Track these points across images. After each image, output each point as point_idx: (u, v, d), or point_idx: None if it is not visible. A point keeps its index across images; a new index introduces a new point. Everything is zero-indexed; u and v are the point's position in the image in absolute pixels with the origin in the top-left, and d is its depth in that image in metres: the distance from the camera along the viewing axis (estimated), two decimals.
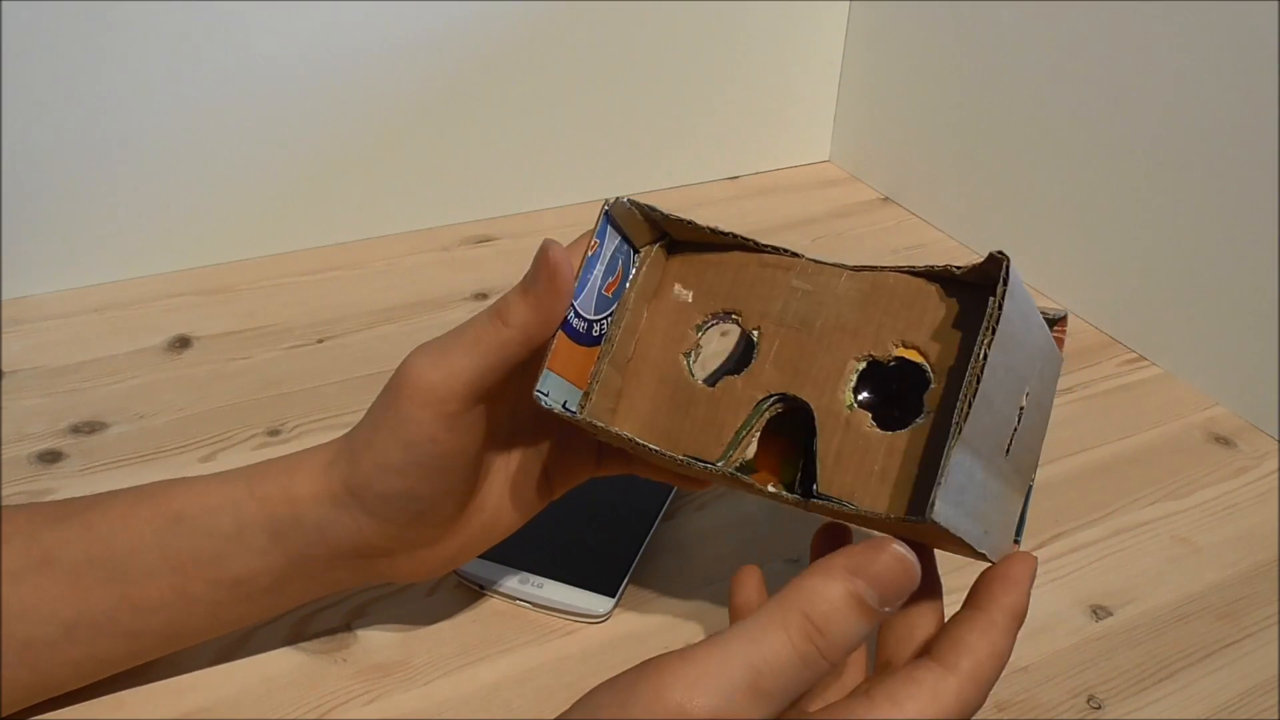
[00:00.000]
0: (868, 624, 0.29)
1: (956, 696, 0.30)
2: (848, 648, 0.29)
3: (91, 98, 0.64)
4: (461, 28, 0.73)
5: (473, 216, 0.80)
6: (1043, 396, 0.36)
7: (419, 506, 0.38)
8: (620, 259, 0.38)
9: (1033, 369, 0.35)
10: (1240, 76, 0.59)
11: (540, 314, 0.35)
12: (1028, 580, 0.34)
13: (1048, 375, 0.37)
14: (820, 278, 0.36)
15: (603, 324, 0.38)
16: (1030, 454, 0.37)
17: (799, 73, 0.87)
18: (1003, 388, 0.33)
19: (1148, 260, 0.66)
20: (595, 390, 0.38)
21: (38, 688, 0.39)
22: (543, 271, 0.35)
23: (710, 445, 0.37)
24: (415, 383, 0.36)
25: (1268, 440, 0.61)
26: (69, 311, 0.66)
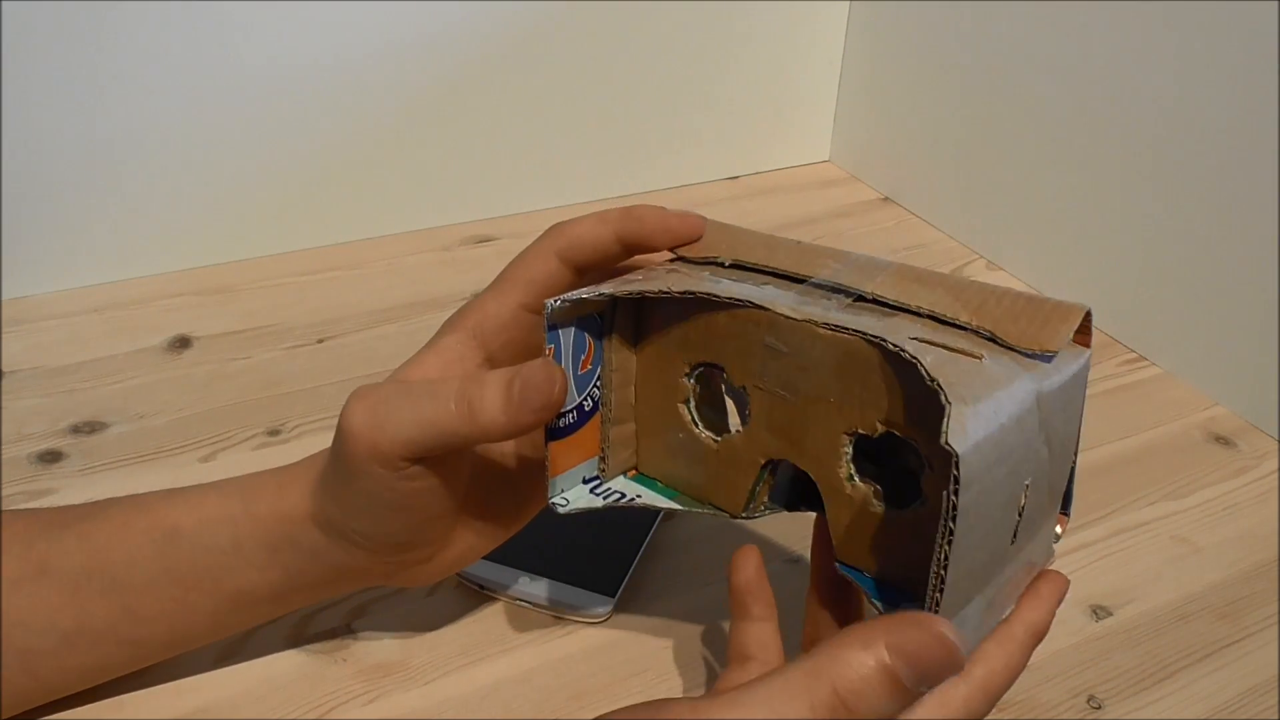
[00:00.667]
0: (899, 704, 0.27)
1: (964, 703, 0.30)
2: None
3: (91, 98, 0.64)
4: (461, 28, 0.73)
5: (473, 216, 0.80)
6: (1065, 425, 0.33)
7: (398, 539, 0.37)
8: (586, 332, 0.36)
9: (1035, 442, 0.31)
10: (1240, 76, 0.59)
11: (516, 430, 0.34)
12: (1055, 600, 0.33)
13: (1069, 403, 0.33)
14: (794, 338, 0.33)
15: (590, 396, 0.37)
16: (1059, 475, 0.35)
17: (799, 73, 0.87)
18: (986, 520, 0.29)
19: (1148, 260, 0.66)
20: (610, 453, 0.38)
21: (38, 693, 0.39)
22: (535, 398, 0.33)
23: (729, 497, 0.37)
24: (356, 440, 0.34)
25: (1268, 440, 0.61)
26: (69, 311, 0.66)
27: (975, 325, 0.32)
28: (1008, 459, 0.29)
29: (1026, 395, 0.29)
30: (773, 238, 0.37)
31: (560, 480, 0.36)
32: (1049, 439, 0.31)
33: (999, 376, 0.30)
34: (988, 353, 0.31)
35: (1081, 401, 0.33)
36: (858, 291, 0.34)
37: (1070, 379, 0.32)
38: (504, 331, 0.38)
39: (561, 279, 0.38)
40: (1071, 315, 0.31)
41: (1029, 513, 0.31)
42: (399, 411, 0.34)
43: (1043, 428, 0.30)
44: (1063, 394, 0.31)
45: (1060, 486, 0.34)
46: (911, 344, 0.30)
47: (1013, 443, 0.29)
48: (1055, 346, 0.31)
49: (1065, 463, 0.34)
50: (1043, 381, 0.30)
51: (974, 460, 0.27)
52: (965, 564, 0.29)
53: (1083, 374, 0.33)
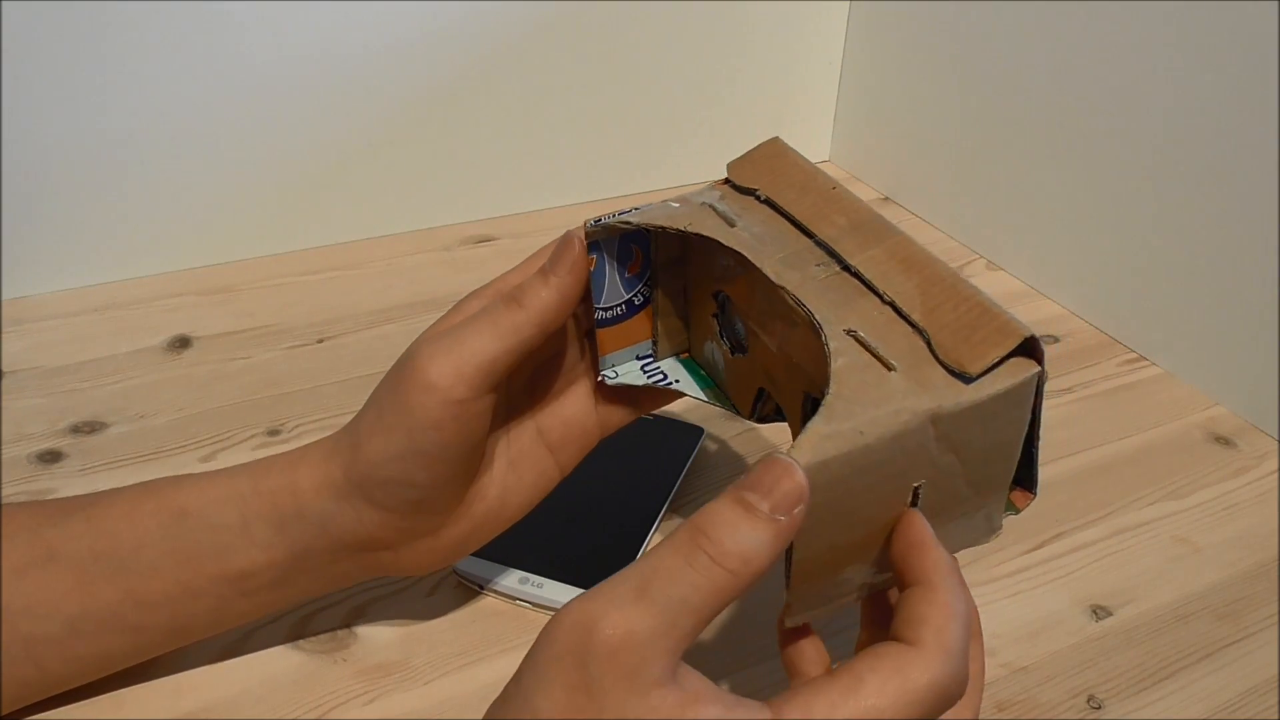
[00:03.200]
0: (757, 527, 0.28)
1: (924, 667, 0.29)
2: (741, 554, 0.28)
3: (91, 98, 0.64)
4: (461, 28, 0.73)
5: (473, 216, 0.80)
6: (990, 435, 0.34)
7: (418, 495, 0.38)
8: (633, 241, 0.40)
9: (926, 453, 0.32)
10: (1240, 76, 0.59)
11: (560, 294, 0.37)
12: (928, 534, 0.32)
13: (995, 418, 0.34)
14: (774, 296, 0.36)
15: (642, 293, 0.41)
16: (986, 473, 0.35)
17: (799, 73, 0.87)
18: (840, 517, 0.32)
19: (1148, 260, 0.66)
20: (660, 339, 0.42)
21: (41, 684, 0.39)
22: (565, 255, 0.37)
23: (741, 404, 0.42)
24: (424, 369, 0.36)
25: (1268, 440, 0.61)
26: (69, 311, 0.66)
27: (921, 326, 0.34)
28: (875, 470, 0.31)
29: (914, 416, 0.31)
30: (813, 178, 0.41)
31: (611, 357, 0.42)
32: (957, 448, 0.33)
33: (892, 394, 0.32)
34: (905, 364, 0.33)
35: (1025, 412, 0.34)
36: (845, 261, 0.36)
37: (995, 397, 0.32)
38: None
39: (584, 262, 0.40)
40: (1006, 341, 0.32)
41: (931, 505, 0.34)
42: (469, 331, 0.37)
43: (943, 441, 0.32)
44: (980, 411, 0.32)
45: (993, 479, 0.35)
46: (842, 339, 0.33)
47: (884, 457, 0.31)
48: (973, 370, 0.32)
49: (999, 463, 0.35)
50: (946, 401, 0.32)
51: (815, 476, 0.30)
52: (818, 549, 0.32)
53: (1021, 391, 0.33)
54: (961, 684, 0.30)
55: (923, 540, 0.32)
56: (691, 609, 0.28)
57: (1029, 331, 0.33)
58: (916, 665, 0.29)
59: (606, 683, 0.27)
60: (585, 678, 0.27)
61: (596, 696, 0.27)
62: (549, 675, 0.28)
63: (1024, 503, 0.37)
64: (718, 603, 0.28)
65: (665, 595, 0.28)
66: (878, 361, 0.33)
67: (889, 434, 0.31)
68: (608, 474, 0.44)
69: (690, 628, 0.28)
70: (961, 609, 0.30)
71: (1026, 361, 0.33)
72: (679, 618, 0.28)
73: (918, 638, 0.29)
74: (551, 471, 0.42)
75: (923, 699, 0.28)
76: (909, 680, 0.28)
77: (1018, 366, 0.33)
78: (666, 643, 0.28)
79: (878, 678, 0.28)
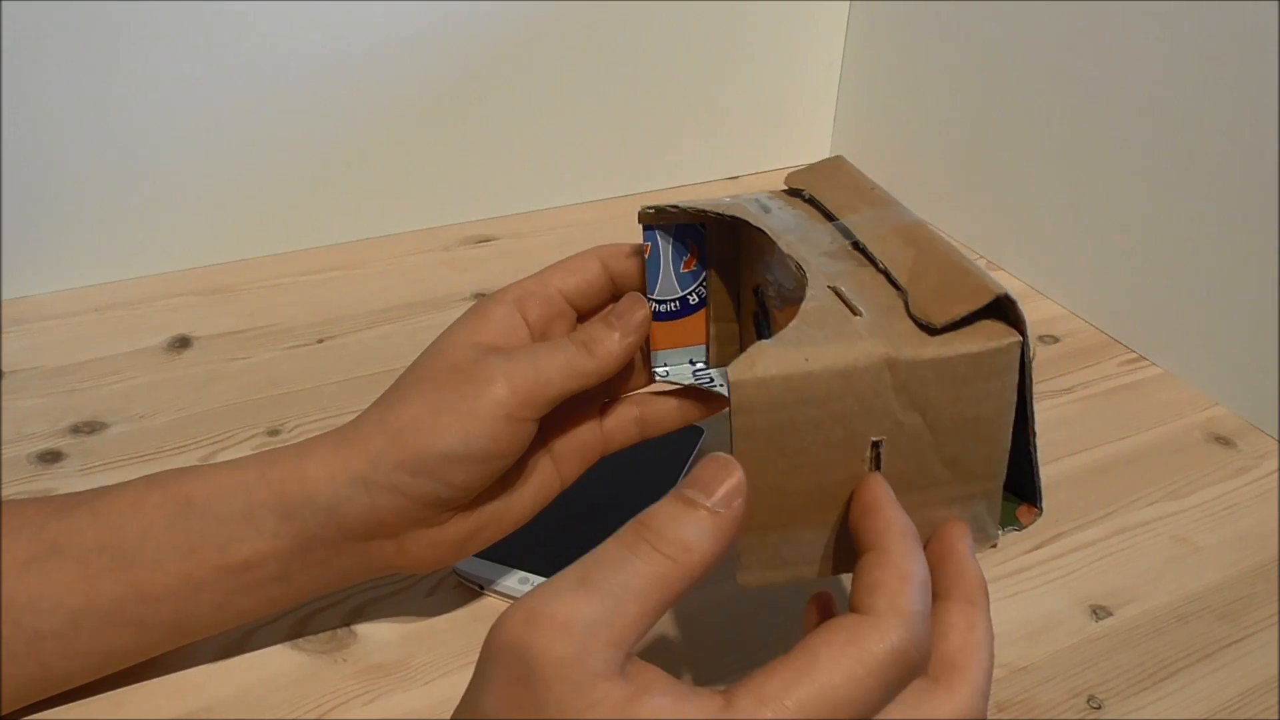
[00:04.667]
0: (697, 518, 0.28)
1: (880, 635, 0.28)
2: (681, 541, 0.28)
3: (91, 98, 0.64)
4: (462, 28, 0.73)
5: (473, 216, 0.80)
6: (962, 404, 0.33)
7: (447, 493, 0.38)
8: (689, 237, 0.41)
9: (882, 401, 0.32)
10: (1240, 76, 0.59)
11: (627, 353, 0.40)
12: (885, 497, 0.32)
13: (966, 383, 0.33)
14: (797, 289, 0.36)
15: (697, 292, 0.42)
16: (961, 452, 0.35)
17: (799, 73, 0.87)
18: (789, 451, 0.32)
19: (1148, 260, 0.66)
20: (713, 345, 0.43)
21: (44, 681, 0.39)
22: (635, 314, 0.40)
23: None
24: (502, 383, 0.38)
25: (1268, 440, 0.61)
26: (69, 311, 0.66)
27: (904, 286, 0.34)
28: (821, 405, 0.31)
29: (867, 356, 0.31)
30: (857, 182, 0.41)
31: (663, 355, 0.43)
32: (921, 408, 0.32)
33: (851, 334, 0.32)
34: (874, 313, 0.33)
35: (1005, 387, 0.33)
36: (855, 238, 0.37)
37: (963, 357, 0.32)
38: (542, 307, 0.41)
39: (599, 280, 0.42)
40: (976, 297, 0.32)
41: (898, 474, 0.33)
42: (549, 365, 0.38)
43: (903, 393, 0.32)
44: (945, 369, 0.32)
45: (975, 464, 0.34)
46: (822, 290, 0.34)
47: (831, 391, 0.31)
48: (938, 320, 0.32)
49: (979, 444, 0.34)
50: (906, 349, 0.32)
51: (753, 391, 0.30)
52: (764, 487, 0.32)
53: (996, 358, 0.32)
54: (924, 649, 0.29)
55: (876, 502, 0.32)
56: (634, 595, 0.28)
57: (1002, 290, 0.32)
58: (872, 634, 0.28)
59: (546, 674, 0.26)
60: (525, 670, 0.27)
61: (538, 690, 0.27)
62: (492, 671, 0.28)
63: (1029, 518, 0.36)
64: (662, 592, 0.28)
65: (606, 582, 0.28)
66: (846, 307, 0.33)
67: (837, 367, 0.31)
68: (607, 474, 0.44)
69: (635, 616, 0.27)
70: (918, 571, 0.30)
71: (1005, 329, 0.32)
72: (621, 604, 0.27)
73: (871, 605, 0.29)
74: (553, 481, 0.43)
75: (882, 668, 0.28)
76: (865, 651, 0.27)
77: (994, 332, 0.32)
78: (609, 632, 0.27)
79: (831, 651, 0.27)
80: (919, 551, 0.31)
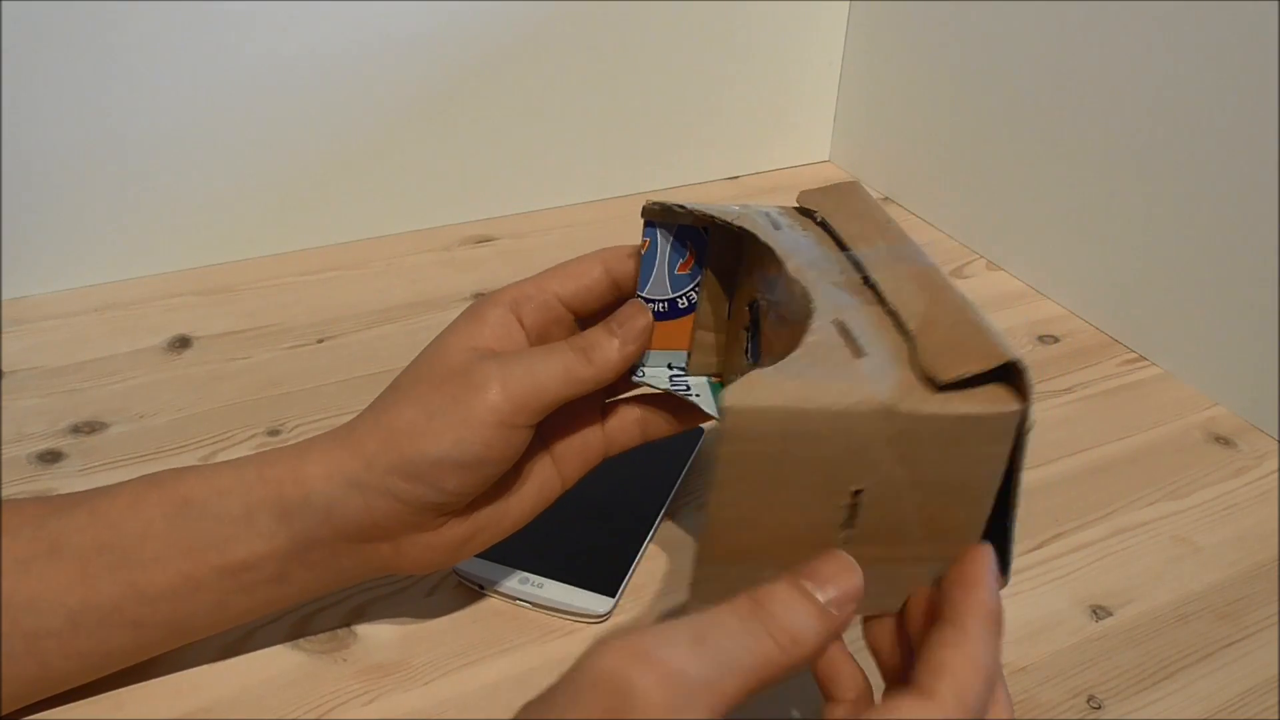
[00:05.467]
0: (811, 612, 0.29)
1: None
2: (793, 633, 0.29)
3: (92, 98, 0.64)
4: (461, 28, 0.73)
5: (473, 216, 0.80)
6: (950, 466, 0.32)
7: (441, 499, 0.38)
8: (690, 240, 0.41)
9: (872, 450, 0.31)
10: (1240, 76, 0.59)
11: (626, 362, 0.39)
12: (986, 573, 0.32)
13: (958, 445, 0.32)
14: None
15: (688, 296, 0.42)
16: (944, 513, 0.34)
17: (799, 73, 0.87)
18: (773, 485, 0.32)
19: (1148, 260, 0.66)
20: (694, 353, 0.42)
21: (43, 681, 0.39)
22: (637, 322, 0.39)
23: None
24: (496, 389, 0.37)
25: (1268, 440, 0.61)
26: (69, 311, 0.66)
27: (913, 333, 0.33)
28: (810, 444, 0.31)
29: (865, 401, 0.30)
30: (872, 211, 0.40)
31: (644, 354, 0.41)
32: (910, 464, 0.31)
33: (853, 374, 0.31)
34: (879, 358, 0.32)
35: (998, 454, 0.32)
36: (867, 274, 0.36)
37: (962, 418, 0.31)
38: (538, 312, 0.41)
39: (600, 285, 0.41)
40: (987, 358, 0.31)
41: (871, 524, 0.32)
42: (544, 370, 0.38)
43: (894, 446, 0.31)
44: (942, 427, 0.31)
45: (951, 529, 0.33)
46: (826, 324, 0.33)
47: (823, 432, 0.30)
48: (944, 376, 0.31)
49: (961, 509, 0.33)
50: (906, 400, 0.31)
51: (747, 420, 0.30)
52: (733, 517, 0.32)
53: (995, 424, 0.31)
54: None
55: (977, 578, 0.31)
56: (741, 670, 0.28)
57: (1015, 356, 0.31)
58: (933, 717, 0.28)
59: (644, 715, 0.26)
60: (622, 704, 0.27)
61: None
62: (588, 695, 0.27)
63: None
64: (764, 673, 0.28)
65: (720, 648, 0.28)
66: (851, 346, 0.32)
67: (835, 408, 0.30)
68: (607, 474, 0.44)
69: (735, 690, 0.28)
70: (988, 663, 0.30)
71: (1010, 395, 0.31)
72: (728, 674, 0.28)
73: (934, 690, 0.29)
74: (554, 483, 0.42)
75: None
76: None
77: (998, 396, 0.31)
78: (711, 697, 0.27)
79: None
80: (996, 642, 0.31)
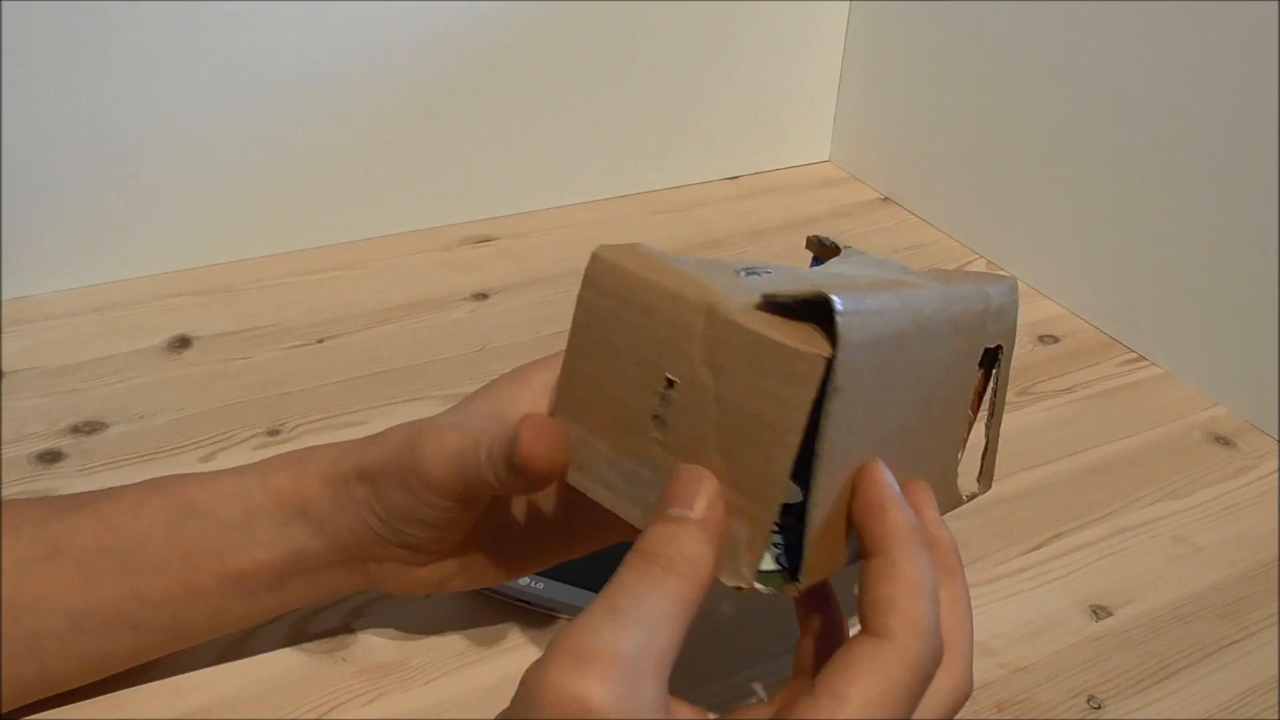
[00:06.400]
0: (690, 533, 0.29)
1: (901, 659, 0.28)
2: (688, 558, 0.29)
3: (91, 97, 0.64)
4: (461, 28, 0.73)
5: (473, 216, 0.80)
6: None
7: (412, 542, 0.38)
8: None
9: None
10: (1240, 76, 0.59)
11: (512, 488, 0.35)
12: (885, 491, 0.31)
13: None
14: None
15: None
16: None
17: (799, 73, 0.87)
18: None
19: (1148, 260, 0.66)
20: None
21: (42, 683, 0.39)
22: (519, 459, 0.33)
23: None
24: (426, 471, 0.36)
25: (1268, 440, 0.61)
26: (69, 311, 0.66)
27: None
28: (644, 312, 0.32)
29: (697, 292, 0.31)
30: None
31: None
32: (716, 371, 0.31)
33: (713, 279, 0.32)
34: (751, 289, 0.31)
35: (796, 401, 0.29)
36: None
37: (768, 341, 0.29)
38: None
39: None
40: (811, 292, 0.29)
41: (678, 434, 0.31)
42: (466, 441, 0.35)
43: (706, 346, 0.31)
44: (749, 343, 0.30)
45: (745, 470, 0.30)
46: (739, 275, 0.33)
47: (655, 306, 0.32)
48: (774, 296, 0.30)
49: (755, 451, 0.30)
50: (725, 306, 0.30)
51: (605, 272, 0.32)
52: (587, 373, 0.33)
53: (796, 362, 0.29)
54: (937, 654, 0.29)
55: (880, 502, 0.31)
56: (663, 619, 0.28)
57: (831, 295, 0.28)
58: (893, 660, 0.28)
59: (607, 715, 0.26)
60: (582, 710, 0.27)
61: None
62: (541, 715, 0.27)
63: (791, 591, 0.31)
64: (685, 610, 0.28)
65: (635, 609, 0.28)
66: (740, 274, 0.33)
67: (670, 288, 0.31)
68: None
69: (667, 640, 0.28)
70: (927, 580, 0.29)
71: (825, 342, 0.29)
72: (656, 629, 0.28)
73: (886, 627, 0.29)
74: (562, 549, 0.42)
75: (910, 690, 0.28)
76: (890, 678, 0.28)
77: (810, 339, 0.29)
78: (650, 658, 0.27)
79: (859, 690, 0.28)
80: (924, 555, 0.30)
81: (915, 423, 0.34)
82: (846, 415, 0.30)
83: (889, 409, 0.32)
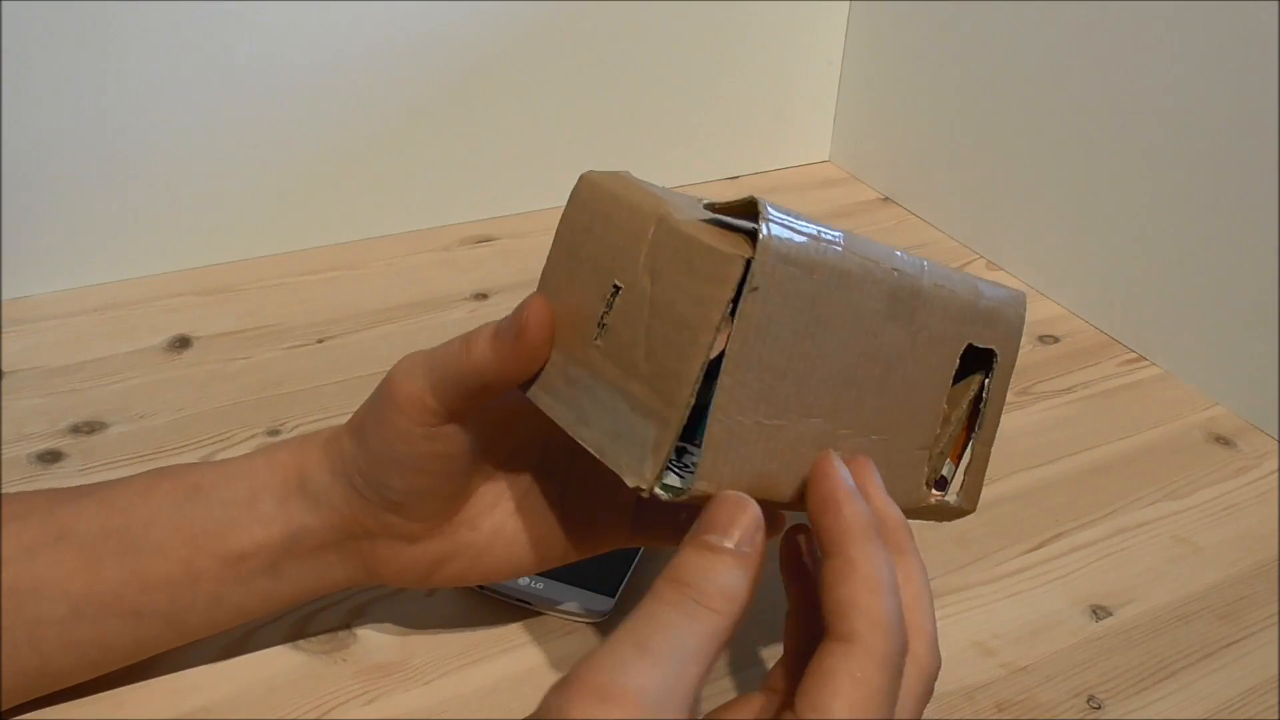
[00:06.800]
0: (728, 563, 0.29)
1: (872, 660, 0.29)
2: (725, 593, 0.28)
3: (92, 98, 0.64)
4: (461, 28, 0.73)
5: (473, 216, 0.80)
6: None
7: (395, 497, 0.39)
8: None
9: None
10: (1240, 76, 0.59)
11: (500, 364, 0.35)
12: (840, 487, 0.31)
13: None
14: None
15: None
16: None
17: (799, 73, 0.87)
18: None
19: (1148, 260, 0.66)
20: None
21: (41, 675, 0.39)
22: (513, 327, 0.35)
23: None
24: (396, 389, 0.37)
25: (1268, 440, 0.61)
26: (69, 311, 0.66)
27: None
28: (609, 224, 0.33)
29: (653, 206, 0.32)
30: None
31: None
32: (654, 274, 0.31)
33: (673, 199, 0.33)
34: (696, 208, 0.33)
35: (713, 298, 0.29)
36: None
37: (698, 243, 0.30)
38: None
39: None
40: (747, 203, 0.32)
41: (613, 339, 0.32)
42: (432, 359, 0.37)
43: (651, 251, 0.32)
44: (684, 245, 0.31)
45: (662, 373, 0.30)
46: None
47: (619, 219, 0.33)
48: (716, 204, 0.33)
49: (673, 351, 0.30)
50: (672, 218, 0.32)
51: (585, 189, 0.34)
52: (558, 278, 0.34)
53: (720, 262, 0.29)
54: (904, 647, 0.30)
55: (834, 496, 0.31)
56: (694, 656, 0.28)
57: (761, 201, 0.30)
58: (867, 664, 0.28)
59: None
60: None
61: None
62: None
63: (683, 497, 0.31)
64: (714, 645, 0.28)
65: (667, 647, 0.28)
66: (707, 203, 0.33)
67: (632, 202, 0.33)
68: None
69: (696, 678, 0.28)
70: (885, 575, 0.30)
71: (748, 246, 0.29)
72: (685, 668, 0.27)
73: (853, 631, 0.29)
74: (557, 551, 0.42)
75: (885, 689, 0.29)
76: (869, 684, 0.28)
77: (737, 244, 0.30)
78: (678, 697, 0.27)
79: (841, 700, 0.28)
80: (881, 550, 0.30)
81: (869, 385, 0.34)
82: (763, 324, 0.30)
83: (827, 346, 0.32)
